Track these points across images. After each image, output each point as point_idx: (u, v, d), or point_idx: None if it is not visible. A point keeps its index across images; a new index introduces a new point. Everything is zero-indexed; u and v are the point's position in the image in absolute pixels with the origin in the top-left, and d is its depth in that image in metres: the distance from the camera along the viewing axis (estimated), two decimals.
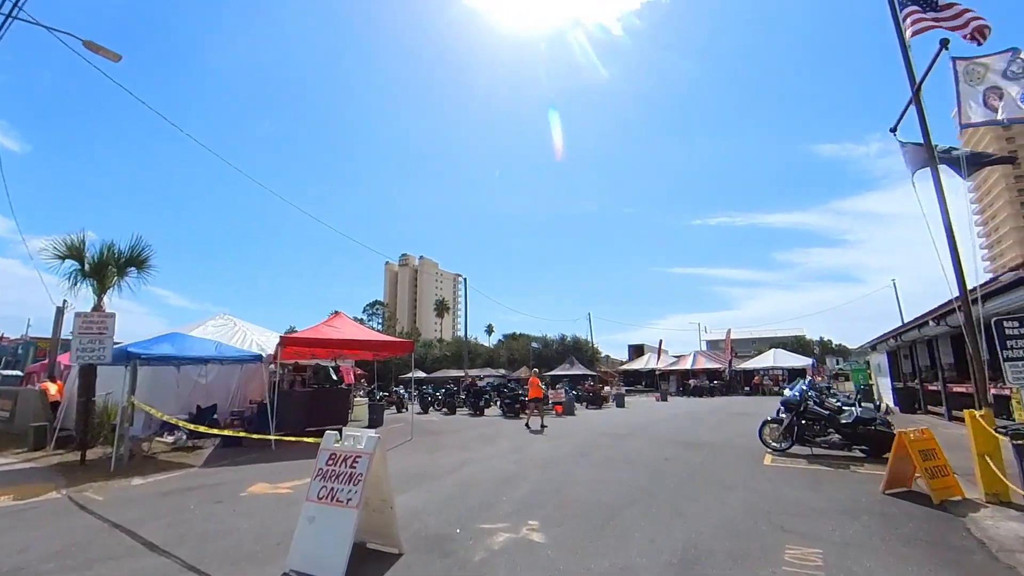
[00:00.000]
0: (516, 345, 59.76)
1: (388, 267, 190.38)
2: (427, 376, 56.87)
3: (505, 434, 13.56)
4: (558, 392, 21.59)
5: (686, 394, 40.56)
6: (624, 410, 23.91)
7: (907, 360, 21.29)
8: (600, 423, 16.98)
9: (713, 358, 50.72)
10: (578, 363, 49.07)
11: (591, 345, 55.00)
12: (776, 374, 42.95)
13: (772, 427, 10.67)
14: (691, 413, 20.88)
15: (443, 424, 16.48)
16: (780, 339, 77.48)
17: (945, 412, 15.64)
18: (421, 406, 21.93)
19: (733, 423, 16.42)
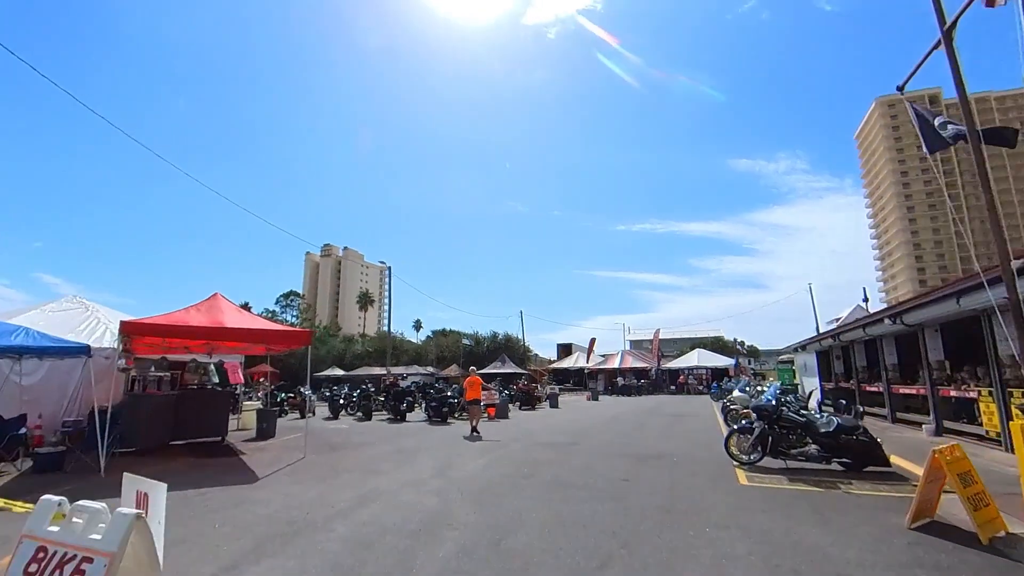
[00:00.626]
0: (446, 342, 57.10)
1: (309, 257, 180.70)
2: (346, 374, 53.04)
3: (429, 447, 11.27)
4: (491, 393, 19.52)
5: (615, 393, 39.95)
6: (559, 411, 22.29)
7: (839, 360, 21.15)
8: (538, 428, 15.09)
9: (640, 357, 50.79)
10: (510, 361, 47.36)
11: (522, 343, 53.49)
12: (700, 373, 43.42)
13: (740, 437, 9.14)
14: (629, 415, 19.55)
15: (352, 434, 13.87)
16: (700, 340, 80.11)
17: (888, 414, 15.13)
18: (331, 410, 19.03)
19: (679, 428, 15.08)
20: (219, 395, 12.16)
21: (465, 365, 50.67)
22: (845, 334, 17.98)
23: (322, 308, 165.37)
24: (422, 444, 11.62)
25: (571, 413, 20.89)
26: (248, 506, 6.11)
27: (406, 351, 57.77)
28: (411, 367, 50.34)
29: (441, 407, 16.57)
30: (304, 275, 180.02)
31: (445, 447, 11.11)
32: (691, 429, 14.55)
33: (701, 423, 16.41)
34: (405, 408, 17.48)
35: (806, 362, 26.88)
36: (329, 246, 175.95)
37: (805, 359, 27.04)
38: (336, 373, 53.51)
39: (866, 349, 17.95)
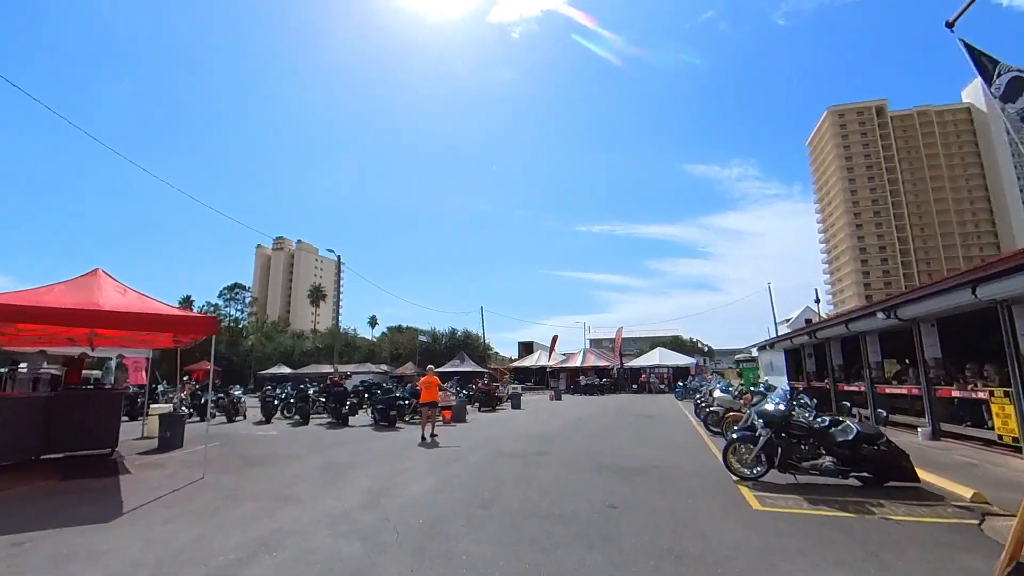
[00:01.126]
0: (401, 339, 54.61)
1: (260, 251, 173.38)
2: (292, 372, 49.95)
3: (368, 460, 9.38)
4: (447, 394, 17.68)
5: (577, 392, 38.75)
6: (522, 412, 20.69)
7: (812, 359, 20.41)
8: (500, 433, 13.39)
9: (602, 356, 49.91)
10: (469, 359, 45.52)
11: (483, 341, 51.69)
12: (662, 372, 42.80)
13: (741, 448, 7.70)
14: (597, 416, 18.13)
15: (279, 443, 11.74)
16: (659, 339, 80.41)
17: (871, 415, 14.20)
18: (263, 413, 16.75)
19: (653, 431, 13.69)
20: (106, 397, 9.81)
21: (422, 363, 48.50)
22: (822, 331, 17.12)
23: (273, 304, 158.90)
24: (360, 456, 9.70)
25: (535, 414, 19.31)
26: (77, 566, 4.13)
27: (359, 348, 54.97)
28: (363, 365, 47.72)
29: (388, 409, 14.61)
30: (255, 269, 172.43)
31: (388, 460, 9.25)
32: (666, 432, 13.20)
33: (674, 425, 15.12)
34: (348, 411, 15.38)
35: (772, 360, 26.26)
36: (282, 239, 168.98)
37: (771, 357, 26.43)
38: (283, 371, 50.40)
39: (843, 347, 17.18)
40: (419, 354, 48.36)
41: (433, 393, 13.20)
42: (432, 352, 48.43)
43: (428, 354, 47.96)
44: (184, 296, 73.27)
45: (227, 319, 63.77)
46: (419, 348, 48.10)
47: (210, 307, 64.33)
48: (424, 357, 48.78)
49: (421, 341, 47.23)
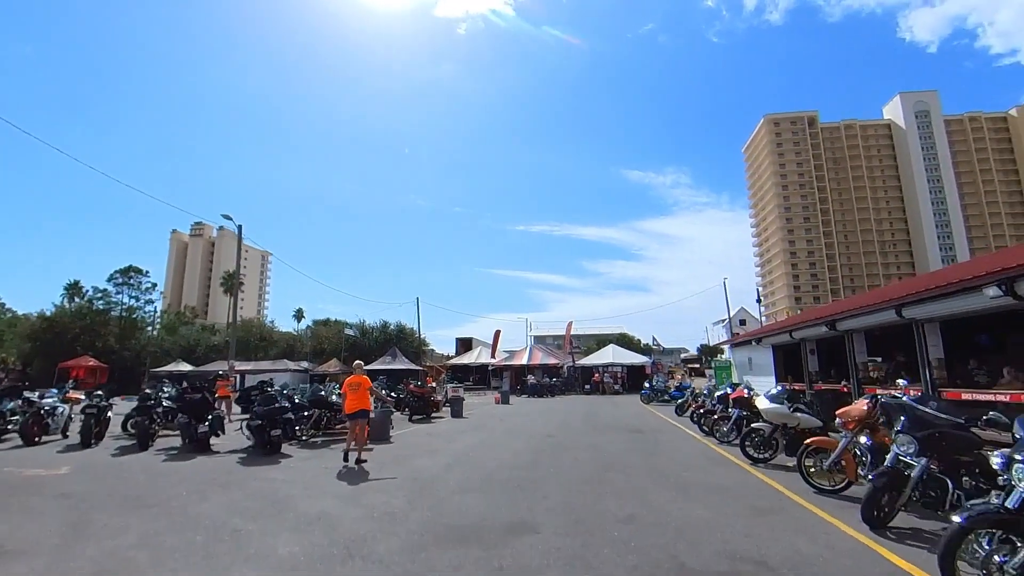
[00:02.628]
0: (326, 332, 48.33)
1: (175, 236, 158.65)
2: (193, 370, 42.75)
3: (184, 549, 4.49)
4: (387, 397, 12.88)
5: (525, 393, 34.58)
6: (465, 423, 16.14)
7: (815, 356, 17.21)
8: (439, 468, 8.72)
9: (550, 354, 46.17)
10: (401, 356, 40.28)
11: (418, 336, 46.47)
12: (615, 371, 39.48)
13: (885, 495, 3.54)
14: (569, 431, 13.87)
15: (47, 496, 6.62)
16: (604, 336, 78.12)
17: None
18: (82, 433, 11.05)
19: (670, 463, 9.52)
20: None
21: (348, 359, 42.72)
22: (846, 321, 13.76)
23: (191, 294, 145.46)
24: (172, 541, 4.79)
25: (484, 428, 14.82)
26: None
27: (276, 343, 48.19)
28: (278, 362, 41.34)
29: (268, 427, 9.59)
30: (169, 256, 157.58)
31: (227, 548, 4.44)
32: (689, 464, 9.08)
33: (685, 447, 11.10)
34: (206, 430, 10.10)
35: (752, 358, 23.18)
36: (201, 224, 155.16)
37: (751, 355, 23.35)
38: (181, 368, 43.08)
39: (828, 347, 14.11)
40: (345, 350, 42.52)
41: (363, 399, 8.80)
42: (360, 348, 42.76)
43: (356, 350, 42.26)
44: (71, 281, 62.89)
45: (118, 308, 54.75)
46: (345, 343, 42.25)
47: (97, 293, 55.02)
48: (351, 353, 43.03)
49: (347, 335, 41.39)
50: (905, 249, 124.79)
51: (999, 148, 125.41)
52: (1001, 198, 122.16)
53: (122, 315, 53.89)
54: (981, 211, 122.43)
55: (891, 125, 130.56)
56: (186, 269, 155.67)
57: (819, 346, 17.54)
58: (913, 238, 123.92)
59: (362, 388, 9.78)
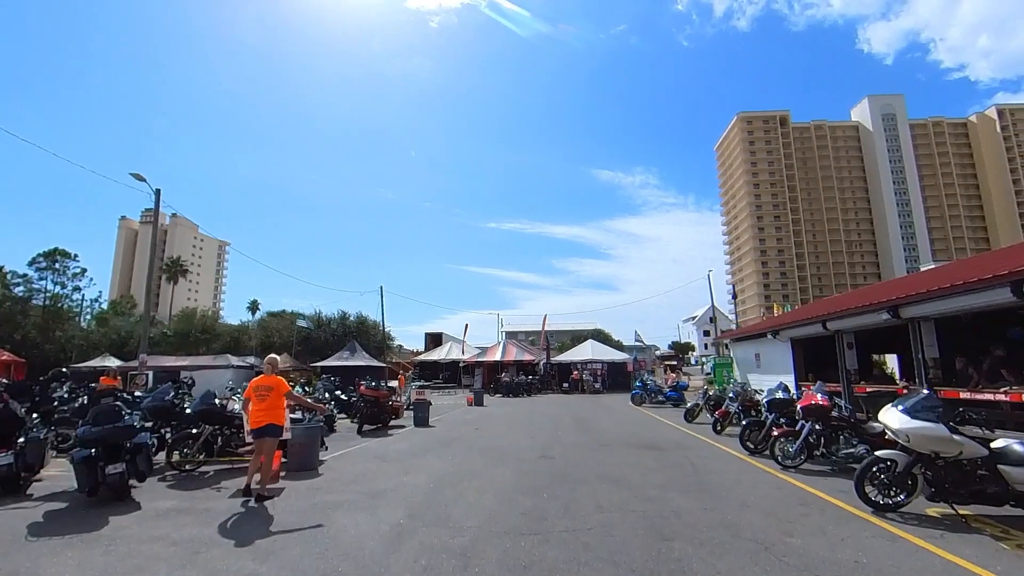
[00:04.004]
0: (276, 324, 43.73)
1: (124, 223, 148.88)
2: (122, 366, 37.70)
3: None
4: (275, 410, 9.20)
5: (499, 392, 31.13)
6: (431, 434, 12.58)
7: (852, 350, 14.34)
8: (378, 532, 5.20)
9: (525, 349, 42.88)
10: (362, 350, 36.24)
11: (381, 328, 42.38)
12: (595, 368, 36.41)
13: None
14: (567, 445, 10.48)
15: None
16: (578, 332, 75.39)
17: None
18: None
19: (737, 499, 6.18)
20: None
21: (303, 354, 38.41)
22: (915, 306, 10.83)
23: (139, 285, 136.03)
24: None
25: (456, 444, 11.27)
26: None
27: (220, 335, 43.34)
28: (220, 357, 36.74)
29: (103, 459, 5.85)
30: (117, 244, 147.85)
31: None
32: (781, 512, 5.81)
33: (744, 476, 7.83)
34: (9, 461, 6.18)
35: (760, 354, 20.35)
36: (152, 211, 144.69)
37: (758, 350, 20.50)
38: (108, 364, 37.97)
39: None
40: (298, 343, 38.20)
41: (272, 409, 6.47)
42: (315, 341, 38.48)
43: (310, 343, 38.04)
44: None
45: (41, 295, 48.67)
46: (297, 335, 37.87)
47: (17, 278, 48.74)
48: (304, 347, 38.75)
49: (300, 327, 37.03)
50: (870, 250, 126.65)
51: (960, 153, 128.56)
52: (961, 201, 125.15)
53: (45, 303, 47.97)
54: (942, 213, 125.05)
55: (859, 127, 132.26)
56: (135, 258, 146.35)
57: (857, 339, 14.75)
58: (878, 238, 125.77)
59: (273, 394, 6.43)
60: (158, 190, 20.01)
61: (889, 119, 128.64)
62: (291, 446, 7.84)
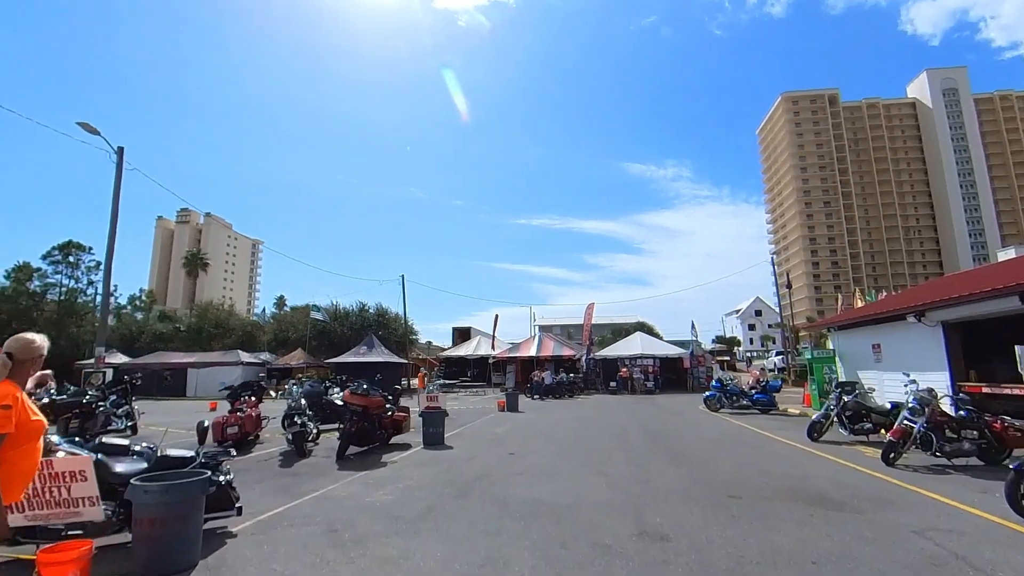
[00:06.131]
0: (291, 318, 40.45)
1: (161, 224, 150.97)
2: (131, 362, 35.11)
3: None
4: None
5: (535, 393, 26.71)
6: (442, 465, 8.16)
7: None
8: None
9: (563, 343, 38.38)
10: (380, 345, 32.42)
11: (403, 322, 38.52)
12: (646, 365, 31.58)
13: None
14: (670, 494, 5.97)
15: None
16: (619, 325, 70.33)
17: None
18: None
19: None
20: None
21: (317, 349, 34.86)
22: None
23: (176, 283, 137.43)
24: None
25: (482, 497, 6.89)
26: None
27: (233, 330, 40.35)
28: (230, 353, 33.57)
29: None
30: (155, 244, 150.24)
31: None
32: None
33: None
34: None
35: (883, 344, 15.41)
36: (187, 211, 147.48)
37: (878, 339, 15.55)
38: (115, 360, 35.39)
39: None
40: (313, 338, 34.67)
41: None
42: (332, 335, 34.86)
43: (325, 337, 34.46)
44: (20, 263, 54.73)
45: (58, 289, 46.85)
46: (311, 329, 34.32)
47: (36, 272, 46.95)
48: (319, 342, 35.21)
49: (314, 320, 33.45)
50: (931, 236, 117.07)
51: None
52: None
53: (61, 298, 46.12)
54: (1012, 195, 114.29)
55: (916, 104, 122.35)
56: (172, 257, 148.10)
57: None
58: (940, 223, 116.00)
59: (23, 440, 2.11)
60: (120, 148, 16.37)
61: (950, 94, 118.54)
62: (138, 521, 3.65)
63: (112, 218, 16.26)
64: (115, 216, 16.31)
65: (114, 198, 16.27)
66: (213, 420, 10.04)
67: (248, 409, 10.50)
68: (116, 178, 16.24)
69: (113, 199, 16.26)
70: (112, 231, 16.27)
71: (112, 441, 5.65)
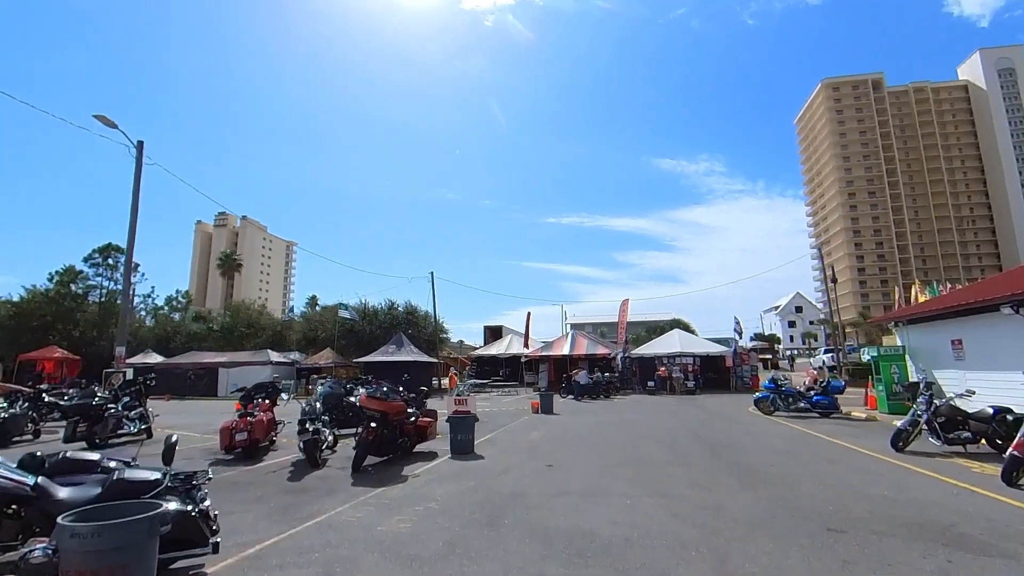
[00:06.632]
0: (320, 317, 40.19)
1: (200, 228, 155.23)
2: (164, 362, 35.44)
3: None
4: None
5: (570, 393, 25.46)
6: (470, 481, 7.00)
7: None
8: None
9: (597, 341, 36.97)
10: (409, 344, 31.69)
11: (433, 320, 37.74)
12: (686, 363, 29.88)
13: None
14: (775, 543, 4.76)
15: None
16: (654, 323, 68.26)
17: None
18: None
19: None
20: None
21: (346, 349, 34.41)
22: None
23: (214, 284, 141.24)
24: None
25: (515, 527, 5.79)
26: None
27: (264, 329, 40.34)
28: (259, 353, 33.39)
29: None
30: (194, 247, 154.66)
31: None
32: None
33: None
34: None
35: (964, 339, 13.63)
36: (224, 215, 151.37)
37: (962, 334, 13.75)
38: (149, 360, 35.86)
39: None
40: (342, 336, 34.19)
41: None
42: (359, 334, 34.31)
43: (353, 336, 33.92)
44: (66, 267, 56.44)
45: (99, 291, 47.90)
46: (338, 328, 33.83)
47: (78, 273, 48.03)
48: (349, 341, 34.72)
49: (342, 318, 32.95)
50: (986, 226, 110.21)
51: None
52: None
53: (101, 300, 47.14)
54: None
55: (968, 86, 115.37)
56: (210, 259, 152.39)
57: None
58: (996, 211, 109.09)
59: None
60: (140, 142, 15.90)
61: (1007, 74, 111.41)
62: None
63: (132, 212, 15.78)
64: (135, 210, 15.83)
65: (134, 192, 15.78)
66: (221, 425, 9.20)
67: (260, 413, 9.64)
68: (136, 172, 15.75)
69: (133, 193, 15.78)
70: (132, 225, 15.79)
71: (77, 456, 4.71)
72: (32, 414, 12.40)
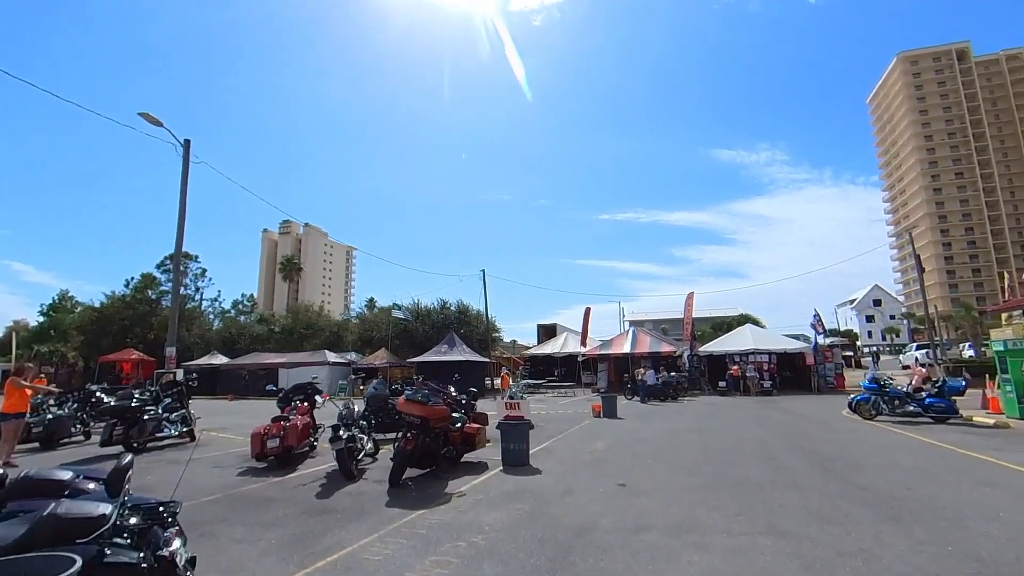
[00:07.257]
0: (378, 318, 40.20)
1: (266, 236, 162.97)
2: (229, 363, 36.39)
3: None
4: None
5: (635, 395, 23.65)
6: (525, 505, 5.66)
7: None
8: None
9: (660, 338, 34.85)
10: (462, 343, 30.88)
11: (485, 318, 36.84)
12: (761, 361, 27.34)
13: None
14: None
15: None
16: (720, 319, 64.84)
17: None
18: None
19: None
20: None
21: (400, 349, 34.10)
22: None
23: (280, 289, 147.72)
24: None
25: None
26: None
27: (321, 328, 40.82)
28: (317, 353, 33.59)
29: None
30: (261, 255, 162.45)
31: None
32: None
33: None
34: None
35: None
36: (288, 223, 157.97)
37: None
38: (215, 362, 36.94)
39: None
40: (396, 336, 33.88)
41: None
42: (412, 334, 33.88)
43: (407, 336, 33.54)
44: (145, 274, 60.00)
45: (170, 296, 50.33)
46: (391, 328, 33.51)
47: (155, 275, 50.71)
48: (403, 341, 34.37)
49: (396, 319, 32.61)
50: None
51: None
52: None
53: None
54: None
55: None
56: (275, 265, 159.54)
57: None
58: None
59: None
60: (187, 141, 15.71)
61: None
62: None
63: (180, 211, 15.59)
64: (183, 210, 15.64)
65: (181, 191, 15.59)
66: (252, 430, 8.39)
67: (295, 417, 8.77)
68: (183, 170, 15.55)
69: (181, 192, 15.58)
70: (180, 225, 15.60)
71: (43, 476, 3.75)
72: (82, 415, 12.21)
